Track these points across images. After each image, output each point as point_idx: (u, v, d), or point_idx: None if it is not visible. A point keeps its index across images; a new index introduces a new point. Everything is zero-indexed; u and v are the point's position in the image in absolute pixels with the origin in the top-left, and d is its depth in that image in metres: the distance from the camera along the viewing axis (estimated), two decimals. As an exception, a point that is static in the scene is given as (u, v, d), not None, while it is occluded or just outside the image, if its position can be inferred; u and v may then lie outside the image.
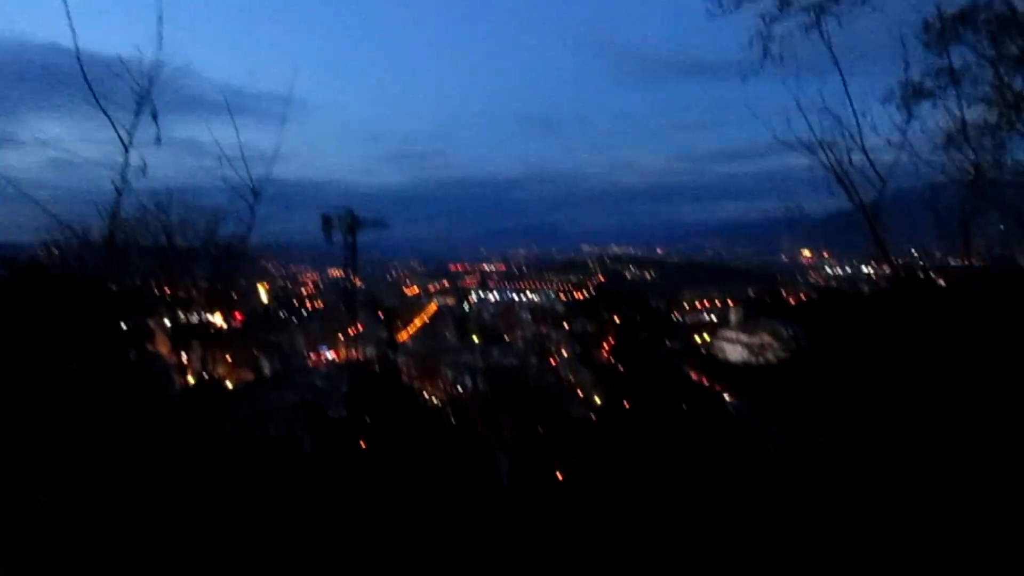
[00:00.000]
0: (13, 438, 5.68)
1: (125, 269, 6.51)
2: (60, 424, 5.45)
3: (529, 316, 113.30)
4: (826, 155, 6.25)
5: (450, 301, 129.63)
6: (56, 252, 6.69)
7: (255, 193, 4.99)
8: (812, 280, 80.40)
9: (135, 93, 4.25)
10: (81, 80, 4.19)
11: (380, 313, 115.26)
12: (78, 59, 4.06)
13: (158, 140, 4.36)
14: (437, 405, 57.99)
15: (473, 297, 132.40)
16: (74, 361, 5.89)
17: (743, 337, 57.51)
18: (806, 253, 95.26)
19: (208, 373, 7.23)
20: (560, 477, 20.40)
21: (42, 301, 6.43)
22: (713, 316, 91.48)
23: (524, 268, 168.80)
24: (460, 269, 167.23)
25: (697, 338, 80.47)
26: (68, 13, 3.91)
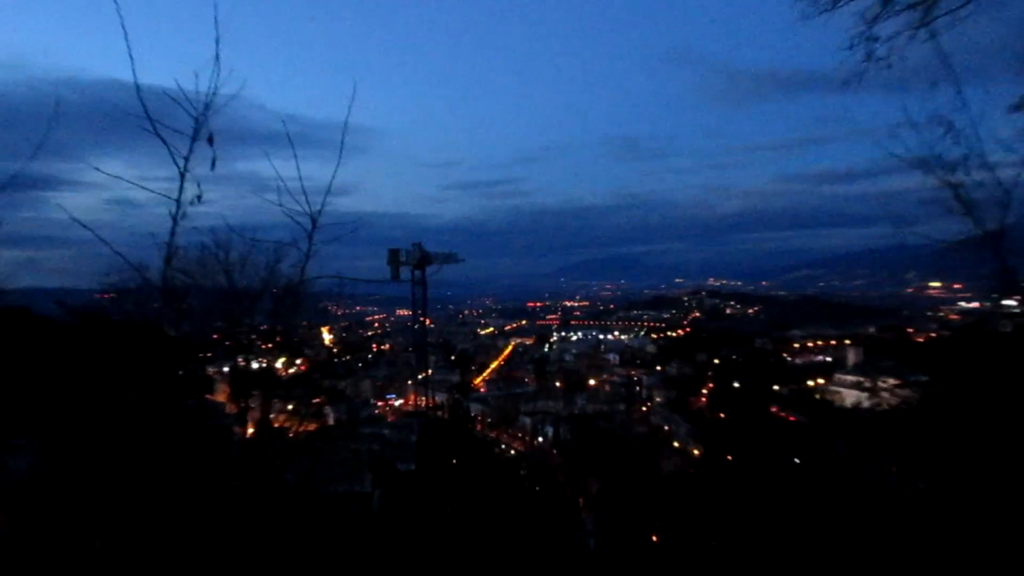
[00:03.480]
0: (70, 486, 6.16)
1: (183, 312, 6.76)
2: (116, 473, 5.75)
3: (616, 358, 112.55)
4: (943, 173, 5.97)
5: (528, 342, 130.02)
6: (114, 296, 7.02)
7: (313, 222, 5.14)
8: (942, 316, 77.49)
9: (192, 119, 4.43)
10: (139, 116, 4.37)
11: (452, 356, 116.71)
12: (137, 90, 4.27)
13: (213, 164, 4.53)
14: (515, 457, 58.11)
15: (554, 337, 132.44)
16: (131, 411, 6.19)
17: (863, 381, 55.62)
18: (934, 285, 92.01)
19: (269, 423, 7.40)
20: (654, 540, 20.03)
21: (100, 347, 6.79)
22: (828, 357, 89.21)
23: (610, 304, 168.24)
24: (539, 307, 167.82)
25: (810, 382, 78.50)
26: (128, 46, 4.14)
